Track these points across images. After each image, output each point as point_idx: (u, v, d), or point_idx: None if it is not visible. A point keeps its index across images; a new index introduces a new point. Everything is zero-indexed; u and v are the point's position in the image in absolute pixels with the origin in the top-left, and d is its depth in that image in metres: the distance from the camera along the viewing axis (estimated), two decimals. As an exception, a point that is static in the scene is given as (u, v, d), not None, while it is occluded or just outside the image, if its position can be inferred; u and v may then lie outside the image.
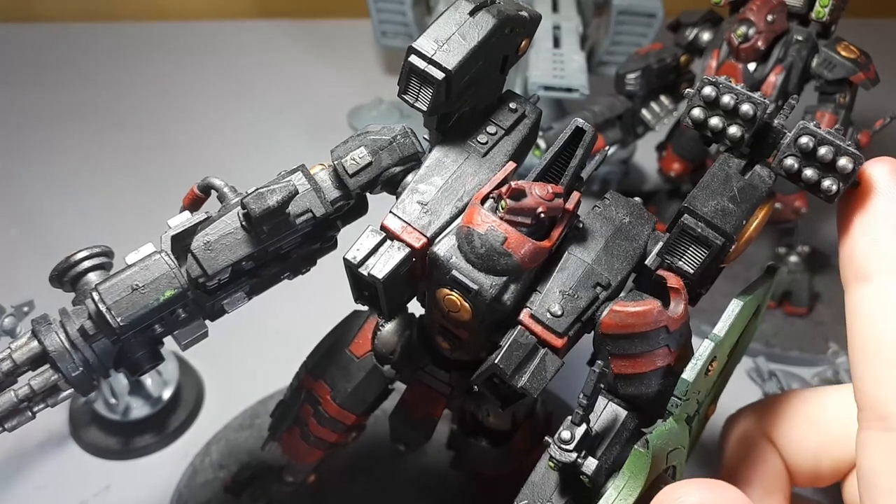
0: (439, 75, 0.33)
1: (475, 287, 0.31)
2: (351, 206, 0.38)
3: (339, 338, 0.45)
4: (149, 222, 0.85)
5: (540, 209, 0.31)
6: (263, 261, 0.35)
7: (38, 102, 1.05)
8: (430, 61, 0.33)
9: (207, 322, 0.37)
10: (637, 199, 0.35)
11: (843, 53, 0.63)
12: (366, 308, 0.41)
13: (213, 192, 0.37)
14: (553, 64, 0.78)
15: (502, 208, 0.31)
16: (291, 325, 0.71)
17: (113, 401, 0.63)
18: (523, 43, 0.36)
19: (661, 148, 0.77)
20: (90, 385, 0.34)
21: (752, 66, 0.65)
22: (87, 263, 0.34)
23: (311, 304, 0.65)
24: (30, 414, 0.33)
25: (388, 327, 0.43)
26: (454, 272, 0.32)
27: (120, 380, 0.63)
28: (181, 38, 1.19)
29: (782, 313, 0.74)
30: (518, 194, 0.31)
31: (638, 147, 0.84)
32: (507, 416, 0.45)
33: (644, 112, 0.72)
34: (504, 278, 0.31)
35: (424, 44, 0.34)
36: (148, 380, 0.64)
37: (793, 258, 0.73)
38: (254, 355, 0.69)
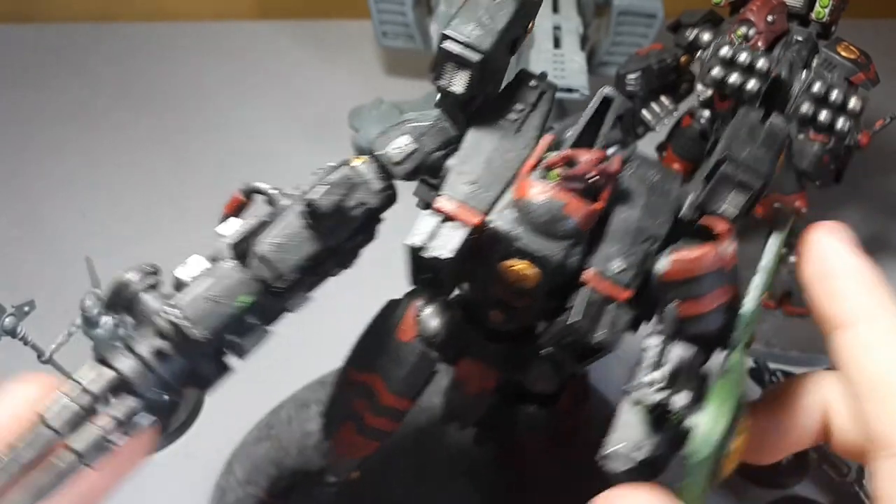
0: (476, 57, 0.35)
1: (543, 253, 0.33)
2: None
3: (382, 328, 0.45)
4: (150, 222, 0.87)
5: (591, 174, 0.33)
6: (323, 258, 0.36)
7: (38, 103, 1.05)
8: (466, 45, 0.35)
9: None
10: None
11: (843, 54, 0.63)
12: (400, 296, 0.44)
13: (257, 195, 0.38)
14: (553, 64, 0.78)
15: (554, 177, 0.33)
16: (290, 328, 0.71)
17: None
18: (530, 24, 0.38)
19: (662, 148, 0.78)
20: (168, 407, 0.34)
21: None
22: (138, 286, 0.34)
23: (308, 311, 0.65)
24: (111, 446, 0.32)
25: (429, 311, 0.44)
26: (521, 242, 0.34)
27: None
28: (182, 38, 1.19)
29: (782, 313, 0.74)
30: (571, 162, 0.33)
31: (638, 147, 0.84)
32: (555, 379, 0.47)
33: (644, 112, 0.72)
34: (567, 242, 0.33)
35: (458, 29, 0.35)
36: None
37: (793, 258, 0.73)
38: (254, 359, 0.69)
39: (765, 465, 0.36)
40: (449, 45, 0.35)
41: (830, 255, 0.32)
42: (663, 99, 0.72)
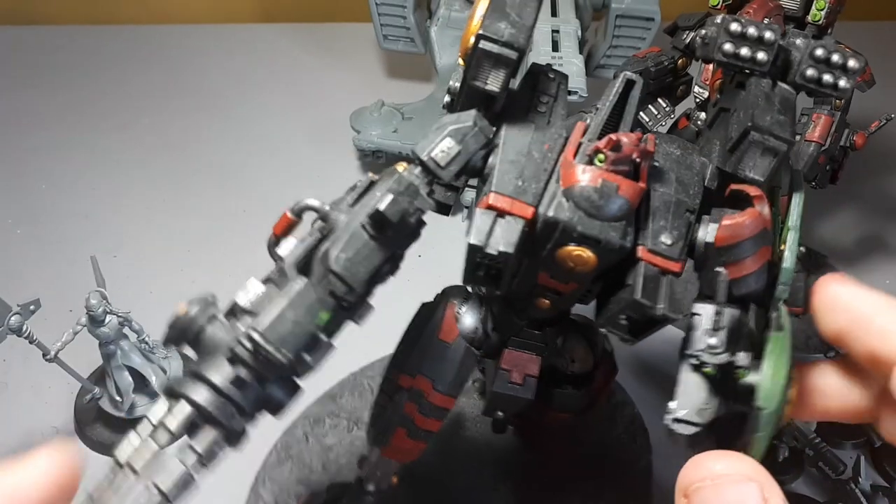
0: (513, 55, 0.35)
1: (604, 236, 0.34)
2: None
3: (423, 331, 0.47)
4: (152, 223, 0.87)
5: (634, 154, 0.34)
6: (382, 267, 0.36)
7: (42, 104, 1.06)
8: (504, 44, 0.35)
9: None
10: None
11: (839, 56, 0.64)
12: (432, 299, 0.46)
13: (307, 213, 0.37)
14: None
15: (600, 161, 0.34)
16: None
17: (118, 398, 0.64)
18: None
19: (660, 150, 0.78)
20: (245, 436, 0.33)
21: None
22: (201, 320, 0.33)
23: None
24: (193, 484, 0.31)
25: (466, 309, 0.46)
26: (581, 228, 0.34)
27: (125, 377, 0.63)
28: (185, 41, 1.20)
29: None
30: (617, 146, 0.34)
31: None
32: (589, 358, 0.50)
33: (642, 114, 0.73)
34: (622, 223, 0.35)
35: (491, 29, 0.36)
36: (153, 377, 0.64)
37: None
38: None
39: (762, 460, 0.36)
40: (487, 45, 0.35)
41: (855, 301, 0.31)
42: (660, 101, 0.73)
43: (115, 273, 0.67)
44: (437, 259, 0.52)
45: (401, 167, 0.37)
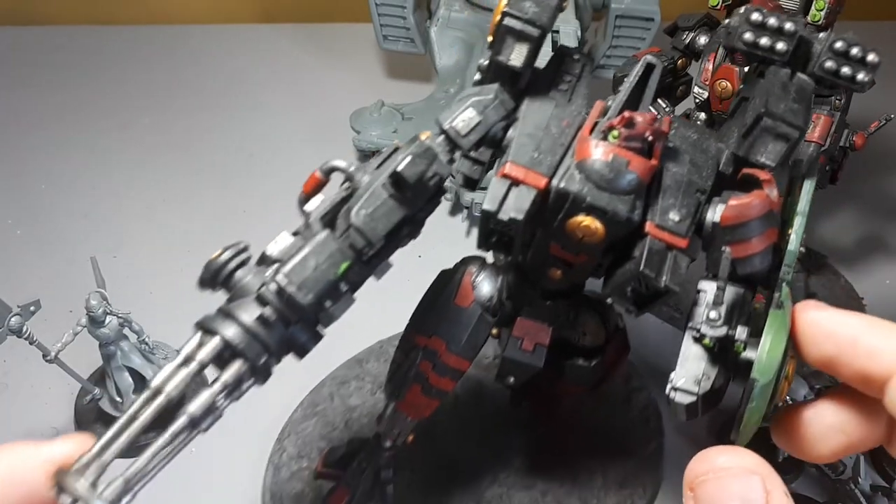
0: (536, 32, 0.38)
1: (612, 207, 0.36)
2: None
3: (440, 296, 0.49)
4: (152, 223, 0.87)
5: (647, 133, 0.35)
6: (401, 226, 0.38)
7: (42, 104, 1.06)
8: (527, 21, 0.38)
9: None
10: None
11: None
12: (451, 266, 0.49)
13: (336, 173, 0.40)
14: (552, 67, 0.79)
15: (614, 137, 0.36)
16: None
17: (118, 399, 0.64)
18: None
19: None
20: (269, 373, 0.35)
21: (748, 69, 0.66)
22: (233, 264, 0.36)
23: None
24: (218, 412, 0.33)
25: (483, 276, 0.49)
26: (590, 199, 0.36)
27: (125, 378, 0.64)
28: (185, 41, 1.20)
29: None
30: (631, 123, 0.35)
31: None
32: (601, 333, 0.51)
33: (642, 114, 0.73)
34: (630, 196, 0.36)
35: (516, 6, 0.38)
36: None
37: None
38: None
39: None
40: (510, 22, 0.38)
41: (837, 326, 0.32)
42: (660, 101, 0.73)
43: (115, 273, 0.67)
44: (437, 259, 0.52)
45: (424, 135, 0.39)
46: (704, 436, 0.68)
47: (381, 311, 0.61)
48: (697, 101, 0.68)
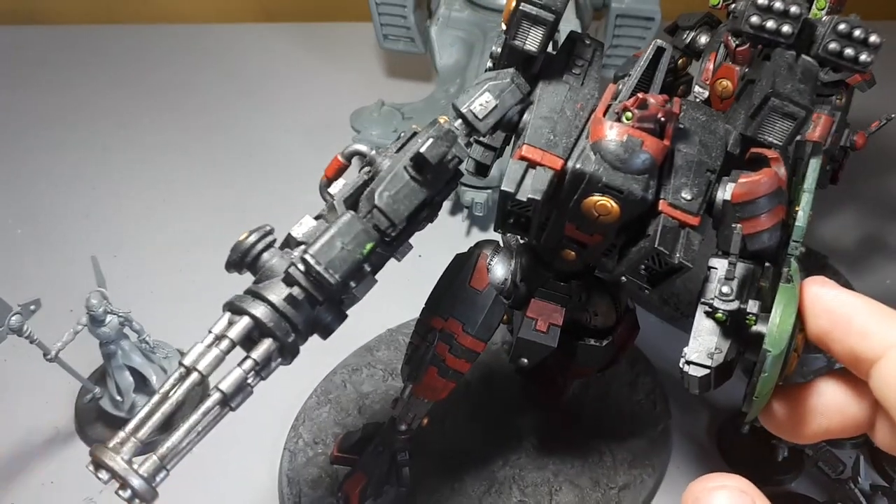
0: (550, 17, 0.39)
1: (627, 187, 0.37)
2: None
3: (456, 278, 0.50)
4: (152, 223, 0.87)
5: (660, 114, 0.36)
6: (422, 208, 0.39)
7: (42, 104, 1.06)
8: (542, 6, 0.39)
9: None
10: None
11: (839, 56, 0.64)
12: (465, 250, 0.50)
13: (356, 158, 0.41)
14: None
15: (628, 118, 0.36)
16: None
17: (118, 398, 0.64)
18: None
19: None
20: (297, 352, 0.36)
21: (748, 69, 0.66)
22: (260, 245, 0.36)
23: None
24: (249, 389, 0.34)
25: (497, 259, 0.50)
26: (606, 179, 0.37)
27: (125, 377, 0.64)
28: (185, 41, 1.20)
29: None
30: (644, 104, 0.36)
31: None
32: (612, 314, 0.52)
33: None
34: (644, 176, 0.37)
35: None
36: (153, 377, 0.65)
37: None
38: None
39: (762, 460, 0.36)
40: (526, 7, 0.39)
41: (835, 303, 0.32)
42: (661, 101, 0.73)
43: (115, 272, 0.67)
44: (437, 259, 0.53)
45: (442, 119, 0.39)
46: (707, 426, 0.69)
47: (382, 308, 0.62)
48: (698, 100, 0.68)
